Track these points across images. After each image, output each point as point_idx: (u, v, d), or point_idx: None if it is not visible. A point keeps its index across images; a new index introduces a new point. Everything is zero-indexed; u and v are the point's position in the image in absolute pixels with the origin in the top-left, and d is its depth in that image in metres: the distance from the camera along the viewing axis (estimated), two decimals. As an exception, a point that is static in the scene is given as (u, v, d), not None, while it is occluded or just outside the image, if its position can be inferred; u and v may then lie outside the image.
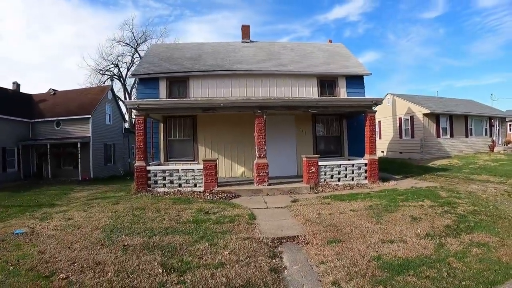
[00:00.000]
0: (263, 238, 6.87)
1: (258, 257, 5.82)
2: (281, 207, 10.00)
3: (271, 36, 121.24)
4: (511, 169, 17.50)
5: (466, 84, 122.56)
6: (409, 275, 5.13)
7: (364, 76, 18.18)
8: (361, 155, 14.58)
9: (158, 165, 14.71)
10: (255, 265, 5.48)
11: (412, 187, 12.68)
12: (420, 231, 7.10)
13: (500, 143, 29.73)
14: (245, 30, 22.18)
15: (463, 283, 4.97)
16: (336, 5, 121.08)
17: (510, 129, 39.64)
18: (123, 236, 6.99)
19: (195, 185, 12.81)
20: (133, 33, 50.96)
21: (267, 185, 12.94)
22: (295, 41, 36.56)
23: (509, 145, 30.42)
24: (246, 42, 21.79)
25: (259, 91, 17.11)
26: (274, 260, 5.78)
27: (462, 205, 9.43)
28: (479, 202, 9.94)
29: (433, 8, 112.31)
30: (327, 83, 17.83)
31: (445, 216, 8.30)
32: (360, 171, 13.85)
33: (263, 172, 13.04)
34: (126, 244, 6.50)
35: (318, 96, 17.27)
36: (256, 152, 13.25)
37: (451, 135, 26.73)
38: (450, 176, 15.75)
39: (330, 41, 24.61)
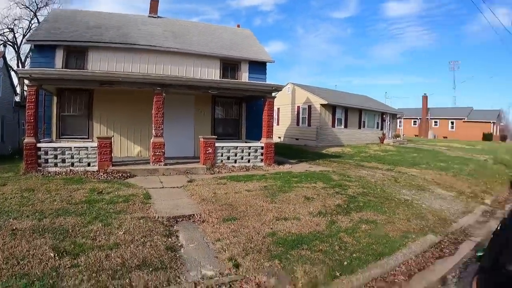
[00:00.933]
0: (158, 217, 6.77)
1: (154, 236, 5.72)
2: (177, 187, 9.94)
3: (180, 15, 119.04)
4: (398, 159, 19.23)
5: (364, 82, 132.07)
6: (303, 249, 5.41)
7: (267, 64, 18.65)
8: (259, 138, 14.92)
9: (50, 142, 13.59)
10: (151, 245, 5.38)
11: (306, 170, 13.27)
12: (313, 210, 7.51)
13: (390, 136, 32.96)
14: (154, 4, 21.09)
15: (354, 255, 5.38)
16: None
17: (399, 124, 43.67)
18: (11, 220, 6.34)
19: (89, 164, 12.05)
20: (33, -5, 46.03)
21: (163, 165, 12.68)
22: (203, 22, 36.13)
23: (397, 138, 33.82)
24: (153, 17, 20.81)
25: (161, 68, 16.65)
26: (170, 239, 5.74)
27: (352, 187, 10.14)
28: (368, 185, 10.77)
29: (344, 8, 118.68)
30: (230, 66, 18.00)
31: (336, 196, 8.87)
32: (256, 154, 14.21)
33: (160, 152, 12.73)
34: (14, 228, 5.91)
35: (220, 78, 17.28)
36: (153, 130, 12.86)
37: (346, 126, 28.44)
38: (342, 162, 16.78)
39: (239, 26, 24.61)
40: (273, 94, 14.64)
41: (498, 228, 2.75)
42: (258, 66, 18.31)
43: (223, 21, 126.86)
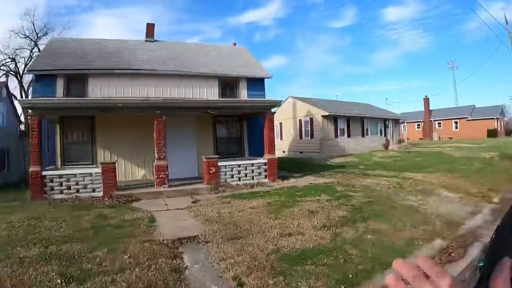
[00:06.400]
0: (163, 239, 6.79)
1: (159, 259, 5.73)
2: (182, 208, 9.97)
3: (181, 35, 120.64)
4: (403, 165, 19.09)
5: (364, 89, 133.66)
6: (307, 264, 5.39)
7: (265, 79, 18.93)
8: (262, 155, 14.94)
9: (55, 169, 13.63)
10: (155, 267, 5.39)
11: (310, 183, 13.20)
12: (317, 223, 7.48)
13: (394, 141, 32.76)
14: (150, 28, 21.36)
15: (360, 267, 5.35)
16: (250, 9, 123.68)
17: (403, 129, 43.67)
18: (19, 248, 6.37)
19: (94, 190, 12.08)
20: (33, 24, 45.52)
21: (168, 187, 12.71)
22: (199, 43, 36.42)
23: (402, 143, 33.76)
24: (149, 41, 20.99)
25: (160, 91, 16.77)
26: (174, 261, 5.74)
27: (357, 197, 10.09)
28: (372, 194, 10.70)
29: (341, 18, 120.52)
30: (228, 84, 18.22)
31: (341, 208, 8.82)
32: (259, 170, 14.23)
33: (163, 174, 12.75)
34: (22, 256, 5.93)
35: (219, 98, 17.50)
36: (156, 154, 12.87)
37: (349, 135, 28.39)
38: (347, 172, 16.68)
39: (235, 44, 24.96)
40: (272, 109, 14.73)
41: (493, 236, 2.57)
42: (256, 83, 18.54)
43: (223, 39, 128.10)
